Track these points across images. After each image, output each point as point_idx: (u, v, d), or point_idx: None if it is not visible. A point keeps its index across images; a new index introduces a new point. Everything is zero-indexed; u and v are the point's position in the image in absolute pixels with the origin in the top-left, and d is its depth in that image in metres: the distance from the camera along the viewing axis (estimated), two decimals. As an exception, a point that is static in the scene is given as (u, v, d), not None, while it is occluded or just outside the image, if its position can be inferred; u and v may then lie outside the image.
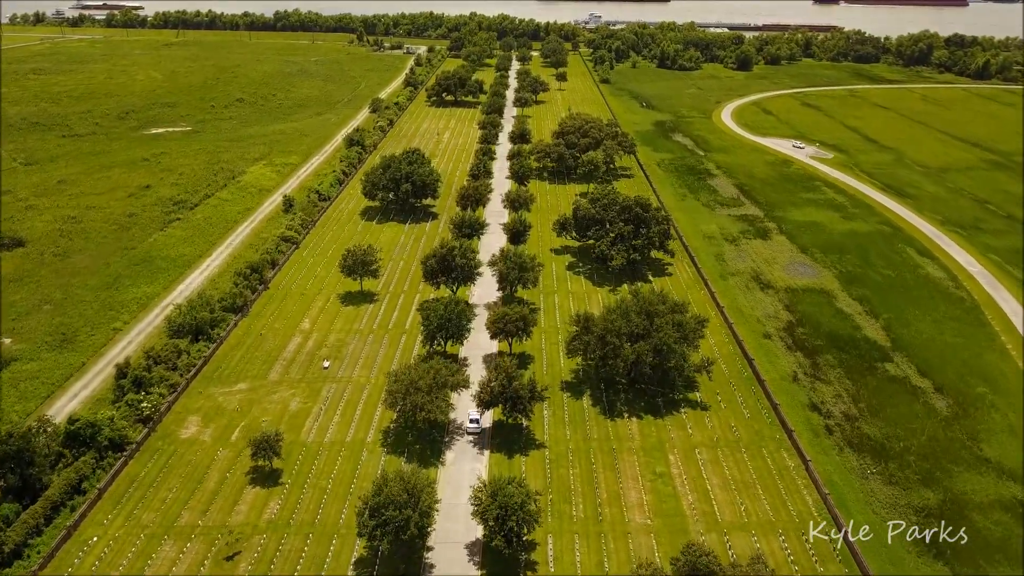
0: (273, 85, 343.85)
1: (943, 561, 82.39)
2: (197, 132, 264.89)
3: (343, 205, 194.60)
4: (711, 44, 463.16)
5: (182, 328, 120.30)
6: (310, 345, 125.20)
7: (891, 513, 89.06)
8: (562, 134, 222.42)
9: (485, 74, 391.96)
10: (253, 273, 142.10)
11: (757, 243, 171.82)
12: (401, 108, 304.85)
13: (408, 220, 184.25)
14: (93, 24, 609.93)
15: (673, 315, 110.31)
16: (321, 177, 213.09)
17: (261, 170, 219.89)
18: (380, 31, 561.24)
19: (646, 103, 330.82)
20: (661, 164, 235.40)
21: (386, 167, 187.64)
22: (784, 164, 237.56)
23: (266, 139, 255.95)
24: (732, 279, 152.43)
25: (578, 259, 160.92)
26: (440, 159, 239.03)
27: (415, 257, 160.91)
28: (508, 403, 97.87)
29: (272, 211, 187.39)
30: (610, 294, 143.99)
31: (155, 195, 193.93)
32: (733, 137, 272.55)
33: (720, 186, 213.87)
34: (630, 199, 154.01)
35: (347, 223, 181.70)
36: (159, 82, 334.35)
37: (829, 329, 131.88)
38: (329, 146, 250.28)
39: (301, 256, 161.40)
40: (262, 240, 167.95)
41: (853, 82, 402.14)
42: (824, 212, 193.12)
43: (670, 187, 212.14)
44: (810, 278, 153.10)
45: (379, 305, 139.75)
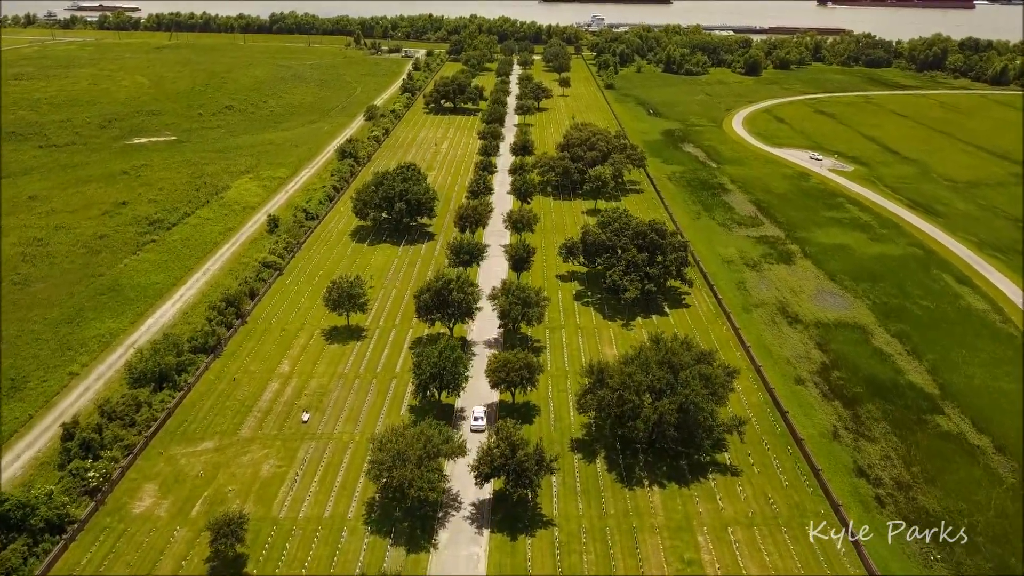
0: (265, 91, 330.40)
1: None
2: (182, 142, 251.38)
3: (332, 224, 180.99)
4: (718, 48, 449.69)
5: (144, 376, 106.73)
6: (288, 392, 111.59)
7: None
8: (567, 146, 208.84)
9: (485, 79, 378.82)
10: (229, 307, 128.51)
11: (780, 269, 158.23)
12: (398, 116, 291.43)
13: (402, 241, 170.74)
14: (85, 26, 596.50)
15: (699, 366, 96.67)
16: (310, 193, 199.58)
17: (247, 184, 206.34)
18: (378, 34, 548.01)
19: (653, 110, 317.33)
20: (672, 178, 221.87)
21: (378, 184, 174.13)
22: (802, 178, 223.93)
23: (254, 150, 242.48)
24: (756, 312, 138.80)
25: (587, 287, 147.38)
26: (438, 171, 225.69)
27: (409, 284, 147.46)
28: (512, 475, 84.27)
29: (255, 232, 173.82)
30: (623, 329, 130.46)
31: (131, 213, 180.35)
32: (746, 148, 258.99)
33: (736, 203, 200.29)
34: (644, 223, 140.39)
35: (336, 245, 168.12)
36: (145, 88, 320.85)
37: (868, 373, 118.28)
38: (320, 157, 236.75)
39: (284, 284, 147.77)
40: (243, 265, 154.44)
41: (866, 87, 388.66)
42: (850, 233, 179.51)
43: (683, 204, 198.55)
44: (841, 310, 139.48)
45: (367, 343, 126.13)
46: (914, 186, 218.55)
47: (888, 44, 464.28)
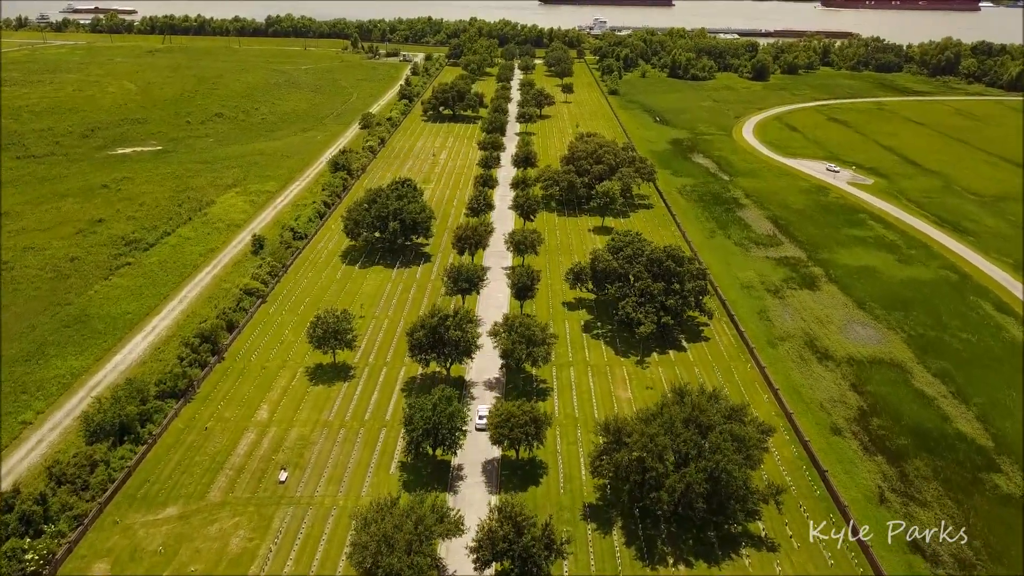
0: (257, 98, 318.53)
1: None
2: (168, 152, 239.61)
3: (322, 244, 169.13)
4: (724, 52, 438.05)
5: (102, 429, 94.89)
6: (266, 445, 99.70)
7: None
8: (572, 159, 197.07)
9: (486, 85, 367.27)
10: (204, 343, 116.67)
11: (804, 295, 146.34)
12: (394, 124, 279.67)
13: (396, 263, 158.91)
14: (77, 29, 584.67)
15: (731, 425, 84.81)
16: (299, 209, 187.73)
17: (233, 199, 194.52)
18: (376, 37, 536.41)
19: (660, 118, 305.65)
20: (683, 191, 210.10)
21: (371, 202, 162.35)
22: (820, 192, 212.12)
23: (243, 160, 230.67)
24: (782, 346, 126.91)
25: (596, 316, 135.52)
26: (436, 184, 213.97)
27: (402, 313, 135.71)
28: (517, 562, 72.42)
29: (239, 253, 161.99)
30: (638, 367, 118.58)
31: (107, 232, 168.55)
32: (759, 158, 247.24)
33: (752, 219, 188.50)
34: (659, 249, 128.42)
35: (325, 268, 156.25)
36: (132, 95, 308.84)
37: (912, 421, 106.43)
38: (312, 169, 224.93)
39: (267, 314, 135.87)
40: (223, 292, 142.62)
41: (878, 93, 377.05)
42: (876, 254, 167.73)
43: (696, 221, 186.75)
44: (875, 345, 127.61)
45: (355, 384, 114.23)
46: (939, 200, 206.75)
47: (898, 48, 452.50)
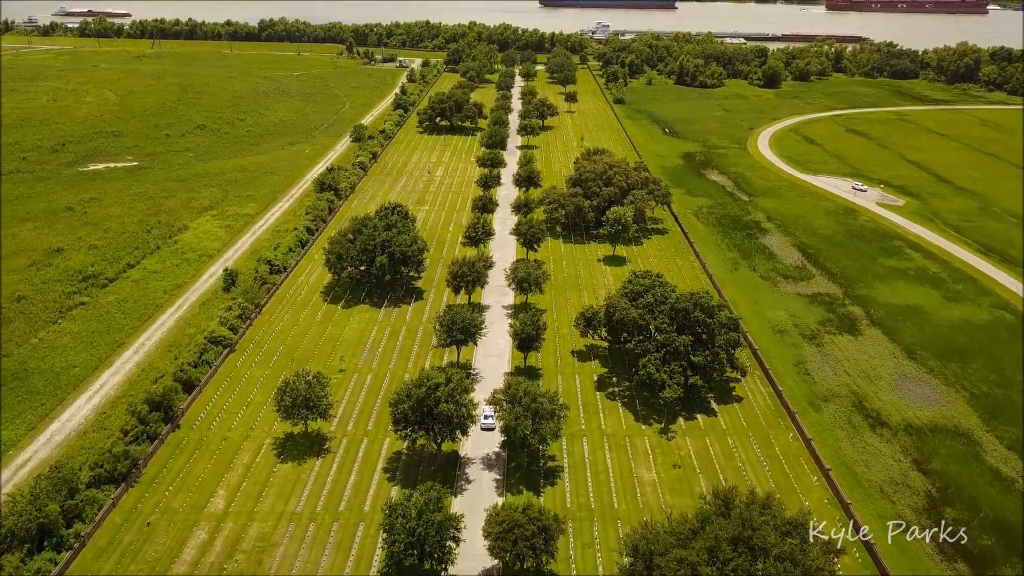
0: (243, 107, 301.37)
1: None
2: (143, 169, 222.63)
3: (303, 278, 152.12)
4: (733, 58, 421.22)
5: (14, 536, 77.82)
6: (219, 548, 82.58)
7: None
8: (579, 181, 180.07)
9: (485, 92, 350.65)
10: (155, 411, 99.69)
11: (845, 342, 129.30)
12: (388, 136, 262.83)
13: (384, 301, 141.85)
14: (65, 33, 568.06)
15: (789, 543, 67.78)
16: (280, 236, 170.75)
17: (208, 224, 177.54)
18: (372, 42, 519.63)
19: (669, 129, 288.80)
20: (699, 214, 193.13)
21: (356, 232, 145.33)
22: (848, 214, 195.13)
23: (223, 178, 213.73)
24: (827, 409, 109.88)
25: (611, 369, 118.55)
26: (431, 206, 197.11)
27: (388, 366, 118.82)
28: None
29: (209, 289, 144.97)
30: (662, 438, 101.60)
31: (63, 265, 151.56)
32: (778, 175, 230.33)
33: (777, 247, 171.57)
34: (685, 296, 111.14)
35: (304, 307, 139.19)
36: (110, 105, 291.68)
37: (992, 511, 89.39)
38: (297, 188, 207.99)
39: (234, 367, 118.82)
40: (187, 339, 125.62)
41: (896, 102, 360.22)
42: (919, 289, 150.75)
43: (716, 249, 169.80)
44: (934, 406, 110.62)
45: (330, 460, 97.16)
46: (978, 224, 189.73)
47: (914, 54, 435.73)
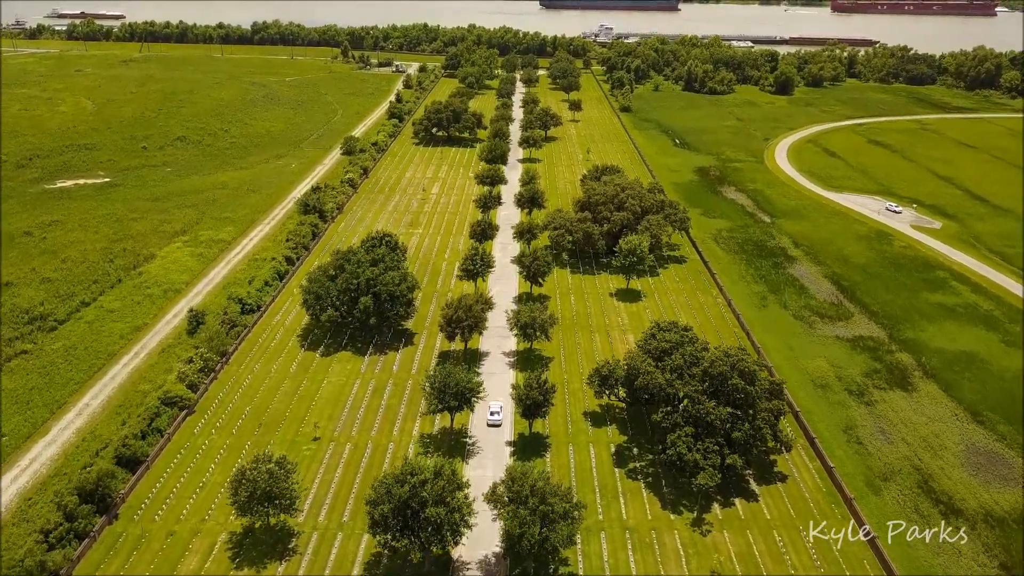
0: (228, 117, 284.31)
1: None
2: (115, 186, 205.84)
3: (279, 317, 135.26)
4: (743, 63, 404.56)
5: None
6: None
7: None
8: (589, 204, 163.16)
9: (485, 99, 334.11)
10: (85, 503, 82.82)
11: (898, 399, 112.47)
12: (381, 149, 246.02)
13: (370, 347, 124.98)
14: (53, 36, 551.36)
15: None
16: (256, 266, 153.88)
17: (178, 252, 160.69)
18: (368, 45, 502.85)
19: (680, 140, 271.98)
20: (719, 238, 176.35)
21: (338, 268, 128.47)
22: (882, 239, 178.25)
23: (201, 197, 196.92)
24: (887, 491, 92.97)
25: (631, 437, 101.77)
26: (425, 228, 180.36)
27: (370, 433, 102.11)
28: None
29: (171, 333, 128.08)
30: (695, 532, 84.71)
31: (10, 302, 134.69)
32: (801, 193, 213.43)
33: (808, 279, 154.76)
34: (720, 358, 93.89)
35: (277, 355, 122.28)
36: (86, 114, 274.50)
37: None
38: (280, 208, 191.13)
39: (191, 433, 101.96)
40: (140, 396, 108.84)
41: (916, 109, 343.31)
42: (973, 331, 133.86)
43: (740, 281, 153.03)
44: (1014, 487, 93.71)
45: (296, 565, 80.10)
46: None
47: (931, 59, 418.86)
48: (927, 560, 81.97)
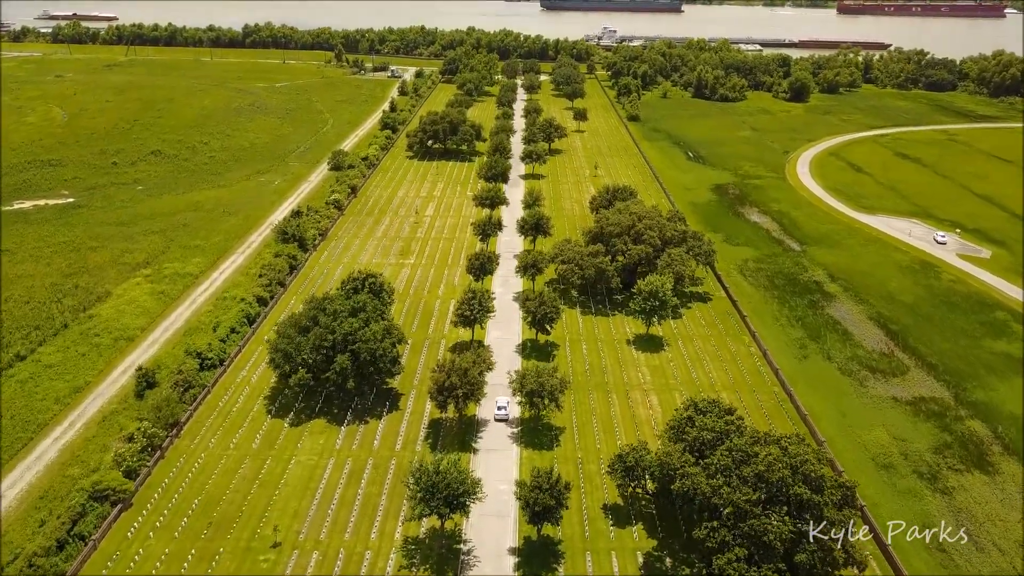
0: (209, 128, 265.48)
1: None
2: (78, 208, 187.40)
3: (245, 373, 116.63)
4: (754, 68, 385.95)
5: None
6: None
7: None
8: (601, 236, 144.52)
9: (484, 107, 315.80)
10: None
11: (978, 485, 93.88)
12: (372, 164, 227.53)
13: (348, 414, 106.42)
14: (37, 38, 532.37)
15: None
16: (224, 308, 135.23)
17: (136, 290, 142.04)
18: (363, 48, 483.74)
19: (694, 153, 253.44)
20: (745, 270, 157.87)
21: (312, 319, 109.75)
22: (928, 271, 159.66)
23: (171, 220, 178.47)
24: (988, 623, 74.55)
25: (662, 543, 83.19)
26: (417, 258, 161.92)
27: (343, 533, 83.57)
28: None
29: (118, 394, 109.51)
30: None
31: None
32: (829, 215, 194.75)
33: (851, 321, 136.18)
34: (779, 461, 74.68)
35: (238, 425, 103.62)
36: (55, 126, 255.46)
37: None
38: (257, 235, 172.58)
39: (123, 536, 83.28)
40: (68, 483, 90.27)
41: (939, 118, 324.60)
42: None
43: (774, 323, 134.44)
44: None
45: None
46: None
47: (951, 64, 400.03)
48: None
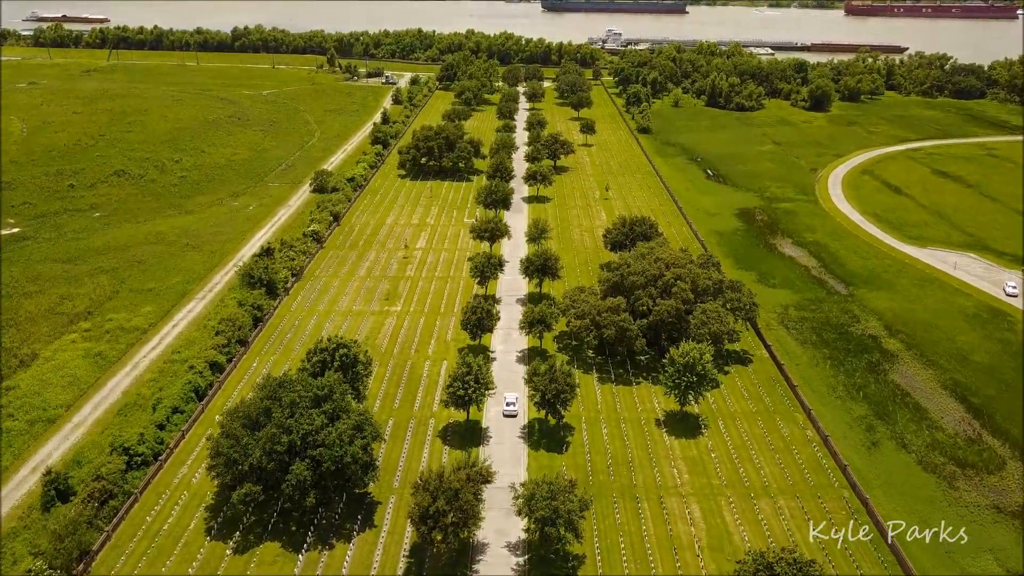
0: (182, 143, 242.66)
1: None
2: (22, 240, 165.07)
3: (184, 472, 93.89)
4: (770, 74, 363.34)
5: None
6: None
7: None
8: (622, 287, 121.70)
9: (484, 118, 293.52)
10: None
11: None
12: (359, 185, 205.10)
13: (309, 532, 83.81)
14: (18, 42, 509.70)
15: None
16: (170, 373, 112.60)
17: (69, 351, 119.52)
18: (358, 52, 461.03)
19: (713, 172, 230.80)
20: (786, 319, 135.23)
21: (264, 412, 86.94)
22: (999, 321, 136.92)
23: (125, 256, 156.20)
24: None
25: None
26: (405, 304, 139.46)
27: None
28: None
29: (20, 504, 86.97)
30: None
31: None
32: (873, 247, 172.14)
33: (920, 390, 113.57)
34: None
35: (167, 552, 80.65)
36: (10, 142, 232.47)
37: None
38: (221, 274, 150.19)
39: None
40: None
41: (973, 130, 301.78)
42: None
43: (830, 396, 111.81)
44: None
45: None
46: None
47: (979, 69, 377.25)
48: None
